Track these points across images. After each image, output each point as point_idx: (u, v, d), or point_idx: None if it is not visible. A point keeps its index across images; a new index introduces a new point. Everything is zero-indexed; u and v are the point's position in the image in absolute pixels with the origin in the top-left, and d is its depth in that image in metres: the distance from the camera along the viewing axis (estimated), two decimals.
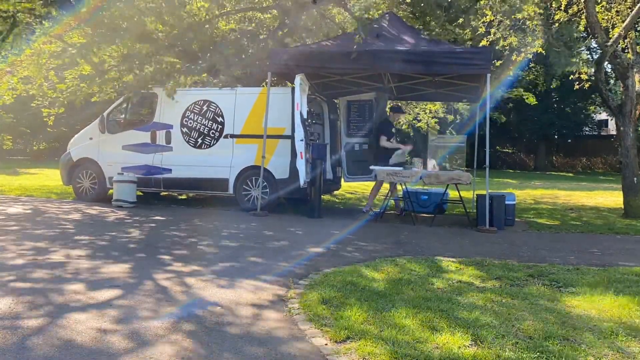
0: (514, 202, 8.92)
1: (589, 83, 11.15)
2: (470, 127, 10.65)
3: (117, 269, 4.96)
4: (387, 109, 11.53)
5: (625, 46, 10.44)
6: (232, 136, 9.54)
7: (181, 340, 3.29)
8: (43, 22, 9.76)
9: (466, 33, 11.65)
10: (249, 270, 5.10)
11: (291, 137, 8.97)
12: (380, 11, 10.97)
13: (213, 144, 9.63)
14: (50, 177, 15.51)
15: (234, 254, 5.81)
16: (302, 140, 8.48)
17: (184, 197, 11.38)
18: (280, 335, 3.44)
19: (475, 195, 9.47)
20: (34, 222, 7.56)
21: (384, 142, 9.56)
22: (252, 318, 3.76)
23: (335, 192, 12.56)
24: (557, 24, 10.99)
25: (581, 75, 10.72)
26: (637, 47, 10.34)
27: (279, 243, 6.54)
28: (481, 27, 11.48)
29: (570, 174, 28.57)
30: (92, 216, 8.37)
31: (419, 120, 15.23)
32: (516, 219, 9.01)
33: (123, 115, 10.53)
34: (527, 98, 14.73)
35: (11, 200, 10.15)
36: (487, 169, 8.21)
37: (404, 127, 15.87)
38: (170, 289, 4.38)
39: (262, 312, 3.90)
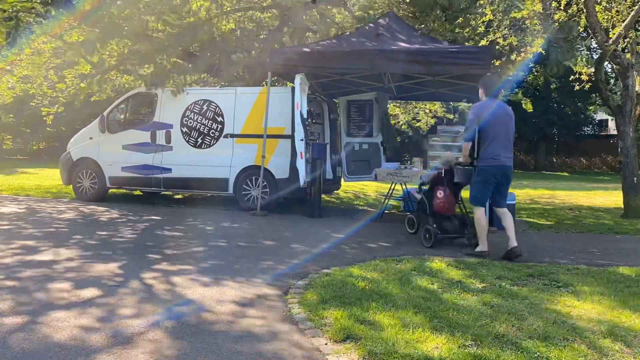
0: (514, 202, 8.90)
1: (590, 84, 11.15)
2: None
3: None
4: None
5: (625, 46, 10.43)
6: (232, 136, 9.53)
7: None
8: (43, 21, 9.75)
9: (466, 32, 11.65)
10: (248, 270, 5.10)
11: (291, 137, 8.97)
12: (381, 11, 10.97)
13: (213, 144, 9.62)
14: (50, 177, 15.51)
15: (233, 254, 5.80)
16: (302, 140, 8.48)
17: (179, 196, 11.35)
18: (279, 335, 3.44)
19: None
20: (27, 222, 7.55)
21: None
22: (250, 318, 3.75)
23: (335, 192, 12.56)
24: (556, 24, 10.98)
25: (581, 76, 10.70)
26: (637, 47, 10.34)
27: (279, 243, 6.54)
28: (481, 27, 11.47)
29: (570, 174, 28.57)
30: (86, 216, 8.36)
31: (419, 120, 15.24)
32: (516, 219, 9.00)
33: (123, 115, 10.53)
34: (525, 104, 14.74)
35: (7, 200, 10.13)
36: None
37: (403, 127, 15.87)
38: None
39: (260, 312, 3.90)
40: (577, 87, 11.24)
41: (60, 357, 2.99)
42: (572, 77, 11.43)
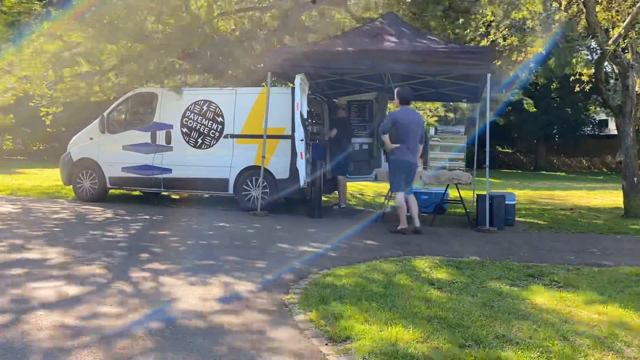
0: (514, 202, 8.91)
1: (590, 85, 11.13)
2: (472, 135, 10.62)
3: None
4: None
5: (625, 46, 10.43)
6: (232, 136, 9.53)
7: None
8: (42, 22, 9.74)
9: (467, 33, 11.65)
10: (248, 271, 5.09)
11: (291, 137, 8.97)
12: (381, 11, 10.97)
13: (213, 144, 9.62)
14: (50, 177, 15.50)
15: (233, 254, 5.79)
16: (302, 140, 8.48)
17: (176, 196, 11.33)
18: (279, 336, 3.44)
19: (475, 195, 9.47)
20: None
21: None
22: (249, 318, 3.75)
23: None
24: (556, 24, 10.99)
25: (582, 77, 10.68)
26: (637, 47, 10.33)
27: (278, 243, 6.53)
28: (481, 27, 11.47)
29: (570, 174, 28.57)
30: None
31: None
32: (516, 219, 9.00)
33: (123, 115, 10.52)
34: (527, 104, 14.80)
35: (3, 200, 10.10)
36: (487, 169, 8.20)
37: None
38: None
39: (260, 312, 3.89)
40: (577, 89, 11.22)
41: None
42: (572, 77, 11.42)
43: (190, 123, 9.75)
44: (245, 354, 3.12)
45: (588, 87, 11.12)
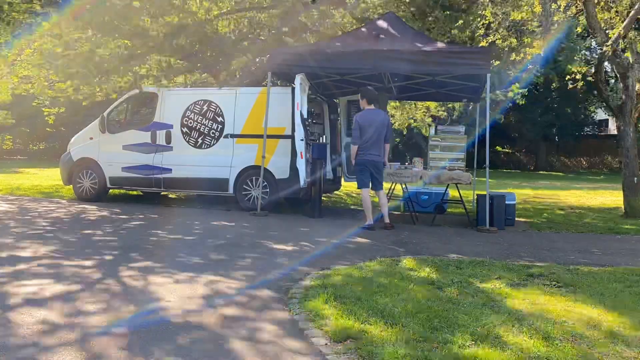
0: (514, 202, 8.92)
1: (584, 83, 11.06)
2: (473, 137, 10.61)
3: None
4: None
5: (625, 46, 10.42)
6: (233, 136, 9.53)
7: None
8: (42, 22, 9.74)
9: (466, 34, 11.65)
10: (247, 271, 5.09)
11: (291, 137, 8.97)
12: (381, 11, 10.98)
13: (213, 144, 9.62)
14: (50, 177, 15.50)
15: (232, 254, 5.79)
16: (302, 140, 8.48)
17: (173, 196, 11.33)
18: (279, 336, 3.44)
19: (475, 195, 9.48)
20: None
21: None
22: (250, 320, 3.75)
23: (336, 192, 12.56)
24: (556, 25, 10.98)
25: (576, 75, 10.62)
26: (637, 47, 10.32)
27: (278, 243, 6.53)
28: (481, 29, 11.47)
29: (570, 174, 28.57)
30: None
31: (415, 120, 15.23)
32: (516, 219, 9.01)
33: (123, 115, 10.53)
34: (519, 99, 14.74)
35: (0, 200, 10.10)
36: (487, 169, 8.21)
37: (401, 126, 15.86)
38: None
39: (260, 313, 3.90)
40: (570, 87, 11.12)
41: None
42: (568, 77, 11.38)
43: (191, 123, 9.75)
44: (243, 354, 3.12)
45: (581, 84, 10.91)
